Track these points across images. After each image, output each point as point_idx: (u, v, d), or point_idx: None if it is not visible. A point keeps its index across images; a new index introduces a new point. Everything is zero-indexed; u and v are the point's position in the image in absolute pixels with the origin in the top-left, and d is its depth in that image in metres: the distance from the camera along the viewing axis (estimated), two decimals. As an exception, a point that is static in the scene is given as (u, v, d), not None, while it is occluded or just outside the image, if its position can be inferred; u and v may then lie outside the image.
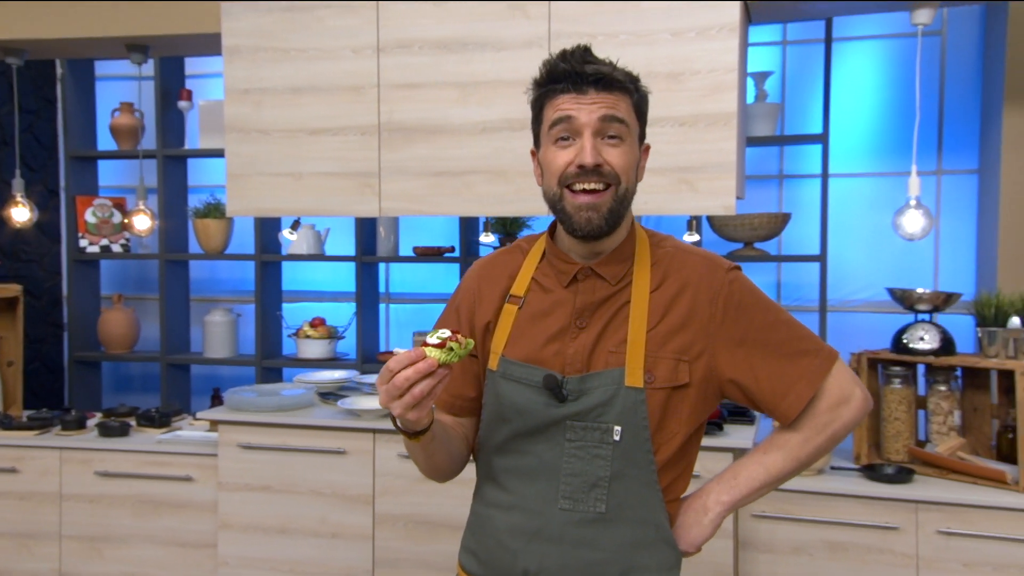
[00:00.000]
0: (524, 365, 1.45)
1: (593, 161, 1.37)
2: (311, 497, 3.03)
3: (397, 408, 1.28)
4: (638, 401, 1.39)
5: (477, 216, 3.69)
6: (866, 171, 3.75)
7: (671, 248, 1.50)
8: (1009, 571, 2.53)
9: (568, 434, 1.41)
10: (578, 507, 1.41)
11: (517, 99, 2.87)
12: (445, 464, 1.51)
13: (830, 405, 1.45)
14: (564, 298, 1.47)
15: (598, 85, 1.38)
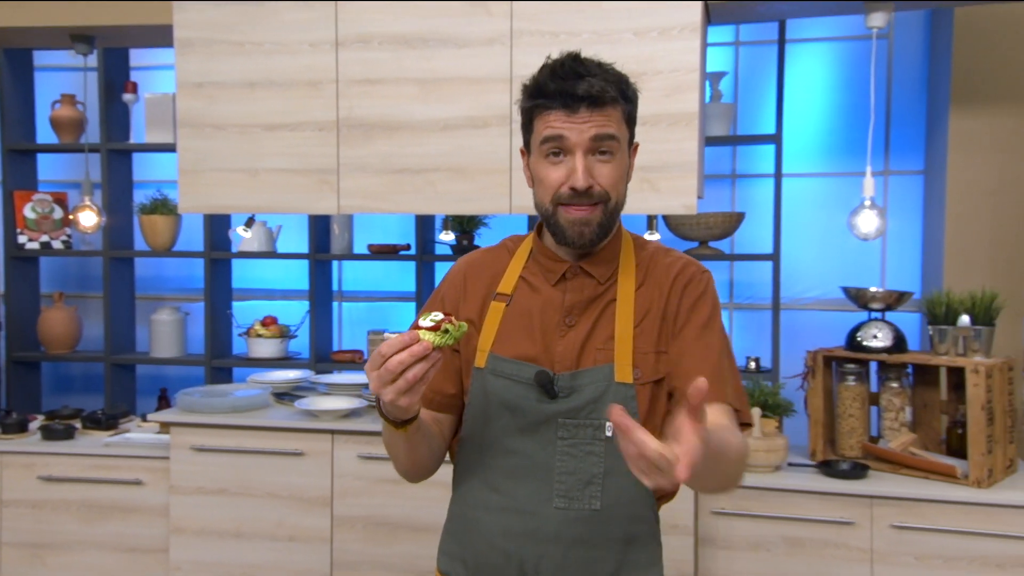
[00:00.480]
0: (514, 362, 1.44)
1: (585, 184, 1.38)
2: (267, 500, 2.98)
3: (389, 394, 1.23)
4: (628, 396, 1.40)
5: (437, 214, 3.66)
6: (815, 171, 3.81)
7: (653, 250, 1.53)
8: (959, 563, 2.59)
9: (560, 431, 1.41)
10: (573, 505, 1.41)
11: (479, 96, 2.86)
12: (425, 459, 1.48)
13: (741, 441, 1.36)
14: (552, 296, 1.47)
15: (590, 103, 1.36)
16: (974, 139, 3.36)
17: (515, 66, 2.82)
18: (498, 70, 2.83)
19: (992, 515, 2.57)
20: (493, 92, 2.84)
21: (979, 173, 3.36)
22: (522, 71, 2.81)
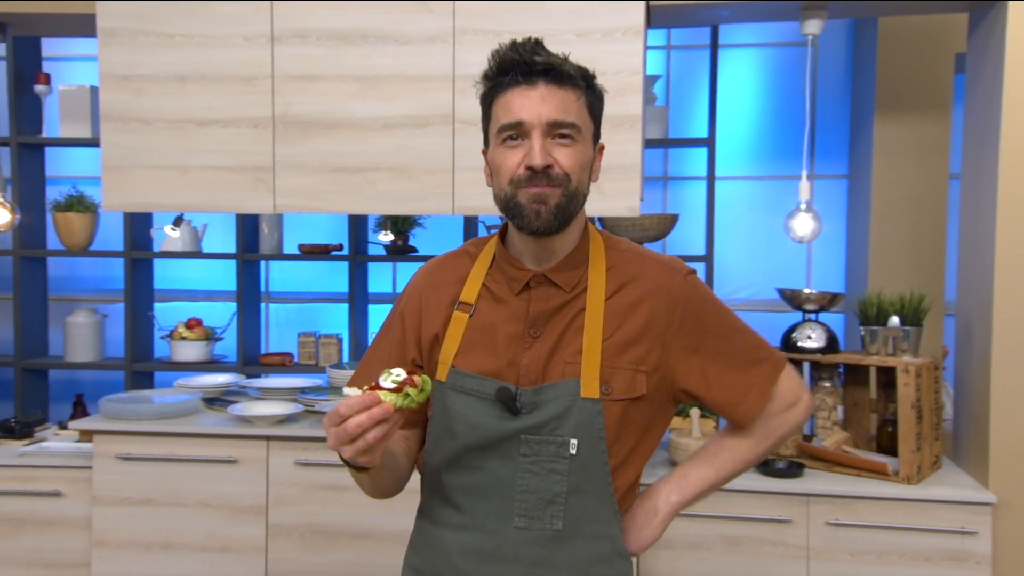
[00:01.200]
0: (475, 376, 1.38)
1: (542, 163, 1.32)
2: (198, 509, 2.87)
3: (347, 452, 1.21)
4: (594, 413, 1.35)
5: (377, 214, 3.59)
6: (743, 174, 3.88)
7: (627, 252, 1.45)
8: (890, 557, 2.67)
9: (522, 449, 1.35)
10: (534, 525, 1.36)
11: (421, 95, 2.81)
12: (391, 486, 1.45)
13: (779, 410, 1.47)
14: (516, 306, 1.41)
15: (548, 77, 1.33)
16: (897, 145, 3.47)
17: (458, 65, 2.79)
18: (440, 69, 2.79)
19: (921, 510, 2.65)
20: (435, 91, 2.80)
21: (902, 178, 3.47)
22: (465, 70, 2.78)
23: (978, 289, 2.76)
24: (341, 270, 4.01)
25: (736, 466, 1.48)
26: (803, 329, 2.93)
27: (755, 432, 1.47)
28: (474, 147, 2.79)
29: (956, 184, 3.76)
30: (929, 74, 3.42)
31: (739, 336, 1.45)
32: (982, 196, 2.74)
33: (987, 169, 2.70)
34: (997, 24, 2.64)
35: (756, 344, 1.46)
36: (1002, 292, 2.62)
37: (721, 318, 1.44)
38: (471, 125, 2.79)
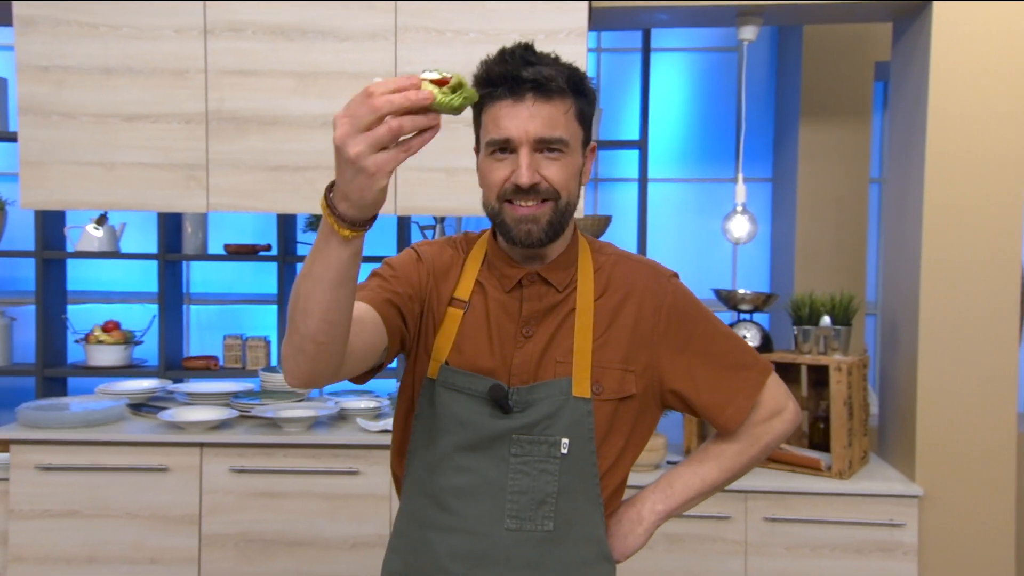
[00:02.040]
0: (467, 374, 1.36)
1: (529, 181, 1.30)
2: (126, 520, 2.76)
3: (360, 144, 0.96)
4: (585, 412, 1.35)
5: (306, 214, 3.51)
6: (671, 177, 3.94)
7: (612, 254, 1.46)
8: (823, 551, 2.75)
9: (514, 448, 1.34)
10: (525, 526, 1.34)
11: (361, 93, 2.76)
12: (343, 317, 1.14)
13: (765, 417, 1.48)
14: (509, 304, 1.40)
15: (536, 91, 1.31)
16: (821, 150, 3.58)
17: (400, 63, 2.75)
18: (382, 66, 2.75)
19: (852, 504, 2.74)
20: (376, 89, 2.75)
21: (826, 182, 3.58)
22: (407, 68, 2.74)
23: (904, 290, 2.87)
24: (266, 271, 3.91)
25: (723, 475, 1.49)
26: (739, 329, 2.99)
27: (741, 440, 1.48)
28: (416, 146, 2.76)
29: (876, 188, 3.90)
30: (851, 82, 3.54)
31: (725, 340, 1.46)
32: (908, 200, 2.84)
33: (913, 174, 2.80)
34: (922, 34, 2.75)
35: (742, 349, 1.48)
36: (928, 293, 2.72)
37: (707, 321, 1.46)
38: (413, 124, 2.76)
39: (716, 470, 1.48)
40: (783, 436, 1.50)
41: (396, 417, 1.48)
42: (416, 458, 1.42)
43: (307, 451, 2.75)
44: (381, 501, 2.74)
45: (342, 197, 1.03)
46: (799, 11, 2.79)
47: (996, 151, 2.68)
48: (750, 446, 1.48)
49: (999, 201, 2.68)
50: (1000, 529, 2.75)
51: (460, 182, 2.77)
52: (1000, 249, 2.69)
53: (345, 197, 1.03)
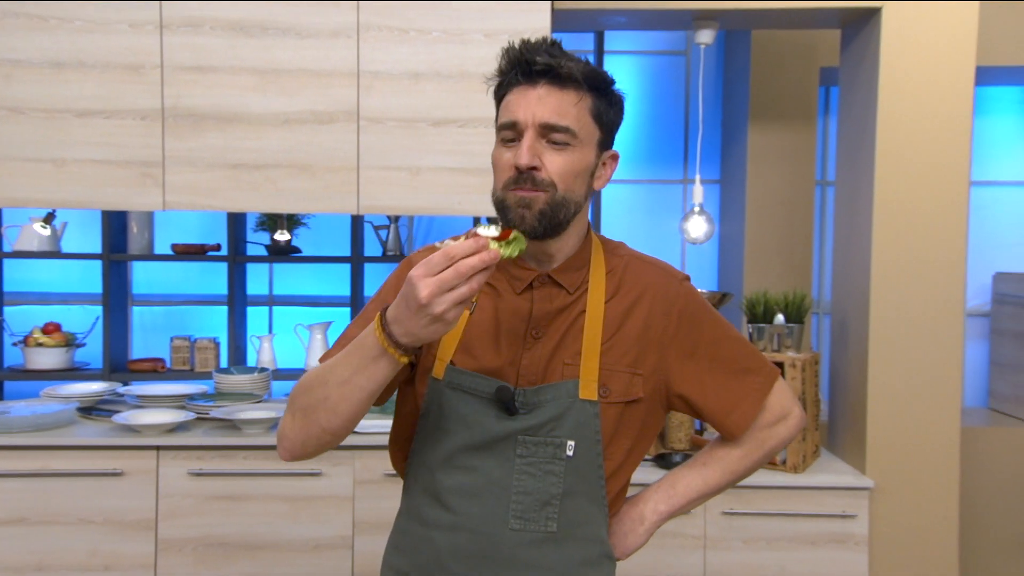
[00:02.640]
0: (474, 375, 1.36)
1: (527, 163, 1.29)
2: (79, 527, 2.68)
3: (444, 303, 1.12)
4: (591, 415, 1.35)
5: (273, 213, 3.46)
6: (621, 178, 3.99)
7: (626, 255, 1.45)
8: (780, 543, 2.82)
9: (519, 449, 1.34)
10: (529, 527, 1.34)
11: (324, 90, 2.74)
12: (351, 426, 1.31)
13: (770, 422, 1.48)
14: (518, 305, 1.39)
15: (548, 77, 1.30)
16: (769, 153, 3.66)
17: (363, 61, 2.73)
18: (344, 64, 2.72)
19: (807, 497, 2.81)
20: (339, 87, 2.73)
21: (773, 184, 3.67)
22: (370, 67, 2.73)
23: (855, 289, 2.96)
24: (212, 271, 3.84)
25: (725, 477, 1.49)
26: (694, 327, 3.04)
27: (745, 443, 1.48)
28: (380, 145, 2.75)
29: (821, 190, 4.01)
30: (797, 87, 3.63)
31: (734, 344, 1.46)
32: (857, 202, 2.93)
33: (863, 176, 2.89)
34: (871, 40, 2.84)
35: (750, 353, 1.48)
36: (878, 292, 2.81)
37: (716, 325, 1.46)
38: (376, 123, 2.74)
39: (719, 473, 1.49)
40: (787, 440, 1.50)
41: (398, 414, 1.47)
42: (420, 457, 1.41)
43: (268, 453, 2.71)
44: (344, 502, 2.72)
45: (407, 335, 1.19)
46: (752, 16, 2.86)
47: (942, 153, 2.78)
48: (754, 450, 1.48)
49: (945, 202, 2.79)
50: (945, 518, 2.85)
51: (424, 181, 2.77)
52: (946, 249, 2.79)
53: (412, 335, 1.18)
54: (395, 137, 2.74)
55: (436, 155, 2.75)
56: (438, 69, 2.73)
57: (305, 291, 3.98)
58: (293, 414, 1.33)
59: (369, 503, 2.72)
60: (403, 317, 1.17)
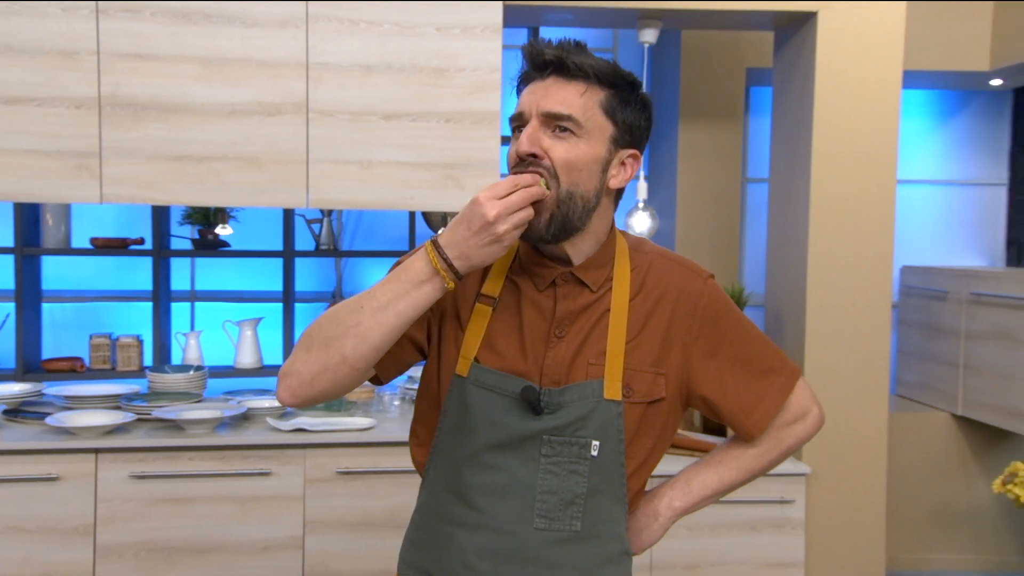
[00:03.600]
0: (499, 374, 1.34)
1: (527, 149, 1.28)
2: (9, 535, 2.55)
3: (508, 223, 1.22)
4: (615, 415, 1.34)
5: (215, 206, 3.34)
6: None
7: (650, 252, 1.44)
8: (722, 529, 2.90)
9: (544, 449, 1.33)
10: (554, 526, 1.34)
11: (271, 81, 2.68)
12: (374, 359, 1.30)
13: (788, 421, 1.47)
14: (542, 303, 1.37)
15: (557, 70, 1.31)
16: (698, 150, 3.76)
17: (312, 52, 2.67)
18: (292, 55, 2.66)
19: (747, 484, 2.91)
20: (287, 77, 2.67)
21: (703, 180, 3.77)
22: (319, 58, 2.68)
23: (791, 283, 3.08)
24: (131, 266, 3.70)
25: (741, 475, 1.49)
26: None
27: (763, 443, 1.48)
28: (330, 138, 2.70)
29: (749, 187, 4.14)
30: (726, 86, 3.74)
31: (756, 343, 1.46)
32: (793, 199, 3.05)
33: (799, 174, 3.01)
34: (806, 42, 2.95)
35: (772, 352, 1.47)
36: (814, 285, 2.93)
37: (739, 324, 1.45)
38: (326, 115, 2.69)
39: (735, 471, 1.49)
40: (805, 440, 1.50)
41: (419, 409, 1.46)
42: (442, 454, 1.40)
43: (214, 453, 2.63)
44: (294, 502, 2.67)
45: (463, 257, 1.25)
46: (696, 16, 2.93)
47: (873, 152, 2.92)
48: (771, 449, 1.48)
49: (876, 199, 2.93)
50: (873, 499, 3.00)
51: (375, 176, 2.74)
52: (876, 244, 2.94)
53: (467, 258, 1.25)
54: (345, 130, 2.70)
55: (388, 149, 2.72)
56: (390, 62, 2.70)
57: (232, 286, 3.87)
58: (308, 348, 1.29)
59: (320, 502, 2.68)
60: (460, 239, 1.23)
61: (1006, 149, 4.34)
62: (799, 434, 1.48)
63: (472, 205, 1.23)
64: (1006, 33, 3.67)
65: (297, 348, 1.32)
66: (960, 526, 3.89)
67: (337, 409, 2.89)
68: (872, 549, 3.03)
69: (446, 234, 1.25)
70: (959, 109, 4.33)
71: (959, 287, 3.75)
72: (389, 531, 2.69)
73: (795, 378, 1.47)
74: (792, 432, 1.48)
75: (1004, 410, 3.51)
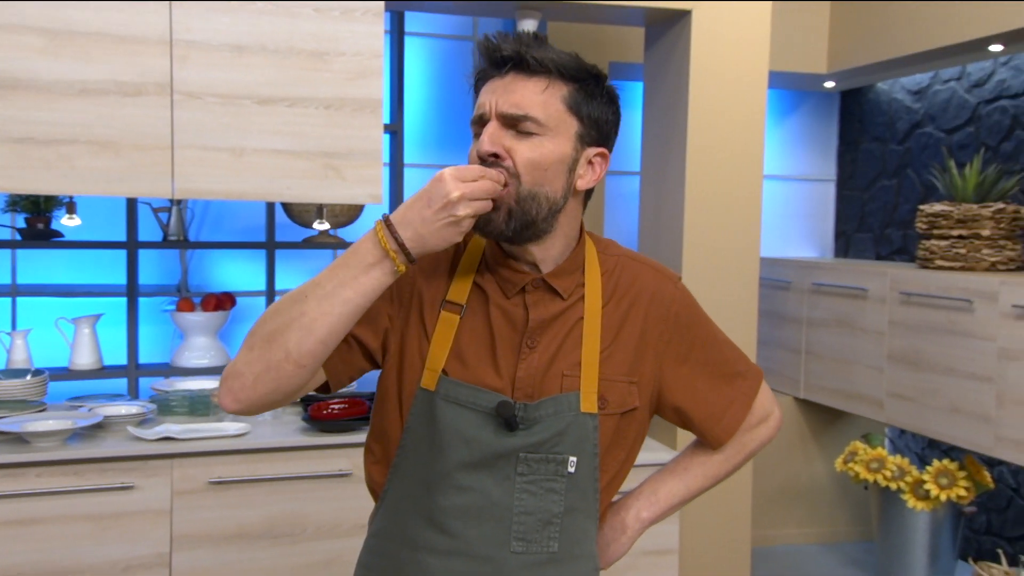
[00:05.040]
0: (471, 388, 1.26)
1: (487, 149, 1.22)
2: None
3: (468, 208, 1.17)
4: (591, 428, 1.29)
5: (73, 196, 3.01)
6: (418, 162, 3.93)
7: (620, 256, 1.39)
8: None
9: (520, 467, 1.26)
10: (531, 548, 1.27)
11: (131, 58, 2.45)
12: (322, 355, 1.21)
13: (753, 424, 1.45)
14: (511, 311, 1.29)
15: (516, 66, 1.24)
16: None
17: (176, 28, 2.45)
18: (155, 31, 2.43)
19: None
20: (149, 55, 2.43)
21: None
22: (185, 35, 2.46)
23: (659, 275, 3.13)
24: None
25: (707, 482, 1.46)
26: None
27: (727, 448, 1.45)
28: (198, 123, 2.50)
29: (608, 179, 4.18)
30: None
31: (724, 347, 1.43)
32: (667, 193, 3.10)
33: (673, 169, 3.07)
34: (680, 40, 3.00)
35: (738, 356, 1.45)
36: (689, 277, 3.00)
37: (707, 328, 1.42)
38: (193, 98, 2.48)
39: (701, 478, 1.46)
40: (767, 442, 1.48)
41: (376, 425, 1.34)
42: (405, 474, 1.30)
43: (67, 468, 2.39)
44: (160, 516, 2.46)
45: (416, 237, 1.18)
46: (573, 9, 2.92)
47: (742, 147, 3.02)
48: (736, 454, 1.46)
49: (745, 192, 3.03)
50: (740, 480, 3.13)
51: (248, 164, 2.55)
52: (745, 235, 3.04)
53: (421, 238, 1.18)
54: (215, 114, 2.50)
55: (262, 136, 2.54)
56: (264, 43, 2.52)
57: (65, 280, 3.53)
58: (251, 347, 1.20)
59: (189, 515, 2.49)
60: (416, 217, 1.18)
61: (834, 147, 4.62)
62: (762, 437, 1.48)
63: (435, 182, 1.17)
64: (842, 38, 3.90)
65: (242, 348, 1.21)
66: (800, 502, 4.13)
67: (205, 414, 2.69)
68: (739, 527, 3.16)
69: (400, 211, 1.19)
70: (794, 108, 4.57)
71: (801, 277, 3.96)
72: (266, 543, 2.53)
73: (759, 381, 1.46)
74: (756, 436, 1.47)
75: (842, 392, 3.74)
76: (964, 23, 3.13)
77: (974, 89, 3.63)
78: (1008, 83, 3.47)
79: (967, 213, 3.11)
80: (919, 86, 3.94)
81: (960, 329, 2.96)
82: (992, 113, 3.54)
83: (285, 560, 2.52)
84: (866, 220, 4.33)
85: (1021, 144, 3.40)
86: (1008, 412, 2.76)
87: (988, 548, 3.56)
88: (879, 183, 4.23)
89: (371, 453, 1.37)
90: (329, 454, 2.53)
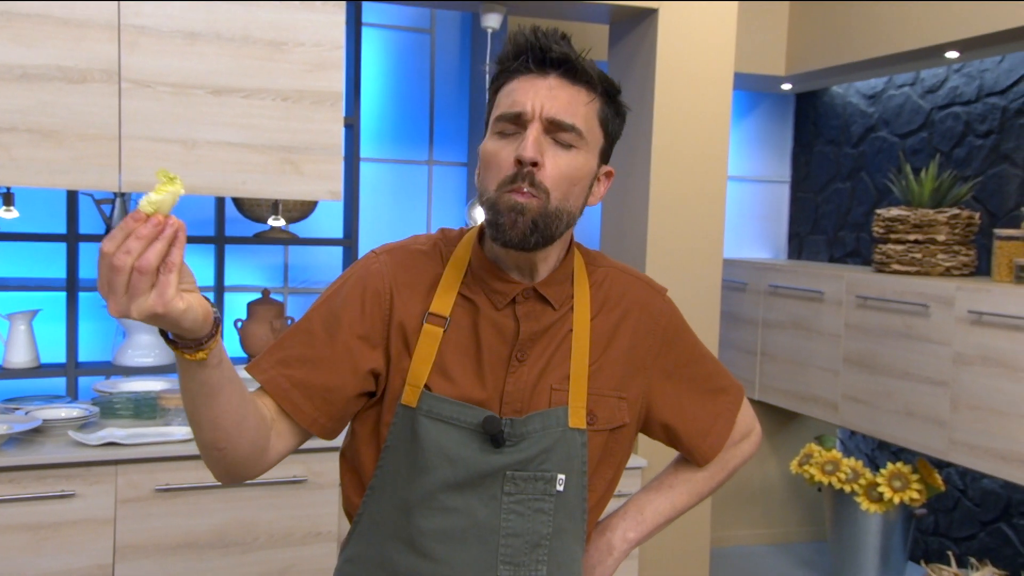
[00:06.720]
0: (456, 403, 1.19)
1: (531, 156, 1.14)
2: None
3: (129, 309, 0.91)
4: (580, 444, 1.24)
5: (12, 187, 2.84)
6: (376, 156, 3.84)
7: (608, 267, 1.35)
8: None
9: (507, 487, 1.20)
10: (519, 572, 1.22)
11: (75, 43, 2.32)
12: (233, 425, 1.11)
13: (736, 440, 1.43)
14: (501, 323, 1.24)
15: (562, 69, 1.18)
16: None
17: (125, 13, 2.33)
18: (102, 15, 2.31)
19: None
20: (95, 40, 2.31)
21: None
22: (134, 20, 2.34)
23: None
24: None
25: (692, 499, 1.43)
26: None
27: (711, 465, 1.43)
28: (147, 112, 2.38)
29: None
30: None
31: (708, 362, 1.41)
32: (631, 191, 3.06)
33: (637, 167, 3.03)
34: (646, 40, 2.96)
35: (720, 371, 1.43)
36: (652, 275, 2.97)
37: (693, 342, 1.40)
38: (142, 86, 2.37)
39: (686, 495, 1.43)
40: (749, 458, 1.47)
41: (352, 446, 1.27)
42: (383, 496, 1.22)
43: (2, 475, 2.26)
44: (103, 526, 2.34)
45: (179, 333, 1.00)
46: (537, 6, 2.86)
47: (707, 148, 3.00)
48: (720, 471, 1.44)
49: (709, 192, 3.01)
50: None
51: (201, 157, 2.44)
52: (708, 235, 3.03)
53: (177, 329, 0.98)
54: (166, 104, 2.39)
55: (216, 127, 2.43)
56: (219, 30, 2.41)
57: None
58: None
59: (134, 524, 2.37)
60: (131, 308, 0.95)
61: (789, 149, 4.64)
62: (745, 453, 1.46)
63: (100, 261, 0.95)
64: (801, 41, 3.91)
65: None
66: (753, 503, 4.14)
67: (151, 417, 2.57)
68: (698, 529, 3.14)
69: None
70: (750, 110, 4.57)
71: (757, 279, 3.97)
72: (215, 552, 2.43)
73: (741, 397, 1.44)
74: (739, 452, 1.45)
75: (797, 395, 3.75)
76: (922, 29, 3.14)
77: (927, 95, 3.66)
78: (961, 90, 3.50)
79: (923, 218, 3.13)
80: (873, 90, 3.96)
81: (915, 333, 2.97)
82: (945, 119, 3.57)
83: (236, 570, 2.42)
84: (820, 222, 4.36)
85: (973, 150, 3.43)
86: (962, 416, 2.79)
87: (936, 548, 3.60)
88: (833, 186, 4.26)
89: (347, 475, 1.30)
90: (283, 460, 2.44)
